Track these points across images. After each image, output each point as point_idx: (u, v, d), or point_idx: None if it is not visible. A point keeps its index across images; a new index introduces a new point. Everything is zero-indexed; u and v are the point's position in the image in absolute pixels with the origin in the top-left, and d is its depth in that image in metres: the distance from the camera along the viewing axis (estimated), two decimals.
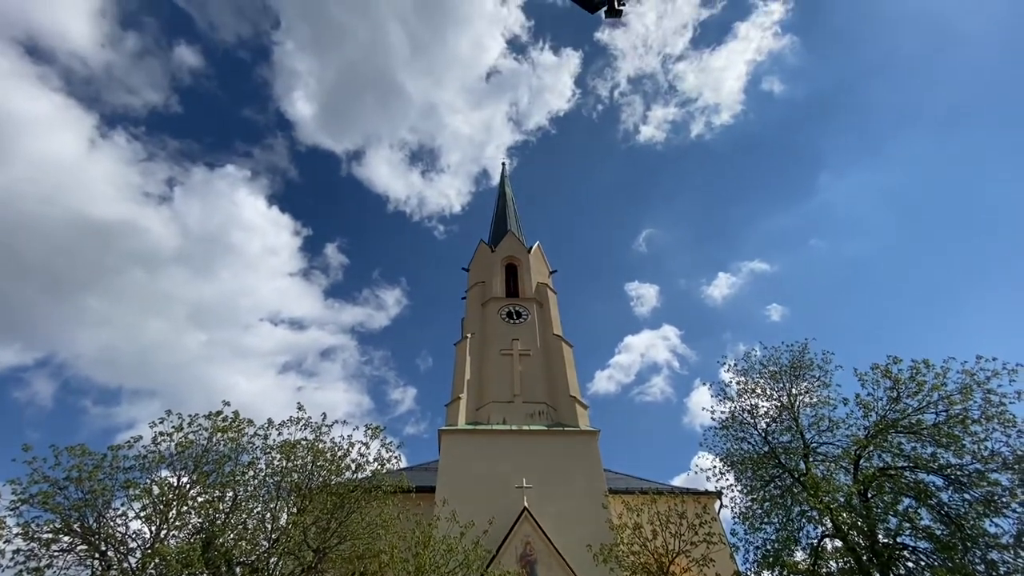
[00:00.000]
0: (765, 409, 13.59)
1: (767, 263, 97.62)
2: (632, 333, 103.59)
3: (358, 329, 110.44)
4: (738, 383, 14.21)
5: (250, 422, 11.92)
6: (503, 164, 44.50)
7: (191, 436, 11.17)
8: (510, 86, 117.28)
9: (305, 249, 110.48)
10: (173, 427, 11.20)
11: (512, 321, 26.22)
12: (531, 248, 31.73)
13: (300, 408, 12.49)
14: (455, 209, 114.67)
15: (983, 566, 9.50)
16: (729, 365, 14.73)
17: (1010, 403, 10.56)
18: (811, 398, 13.38)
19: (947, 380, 11.21)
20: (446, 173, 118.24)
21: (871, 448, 11.61)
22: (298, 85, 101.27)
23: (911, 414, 11.38)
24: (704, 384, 16.23)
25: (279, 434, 12.01)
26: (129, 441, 10.90)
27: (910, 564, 10.42)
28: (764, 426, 13.41)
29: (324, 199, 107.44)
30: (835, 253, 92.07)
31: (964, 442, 10.43)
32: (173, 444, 10.95)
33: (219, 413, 11.67)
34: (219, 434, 11.37)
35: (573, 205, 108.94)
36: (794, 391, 13.49)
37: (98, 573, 9.50)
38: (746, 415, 13.70)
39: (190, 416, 11.53)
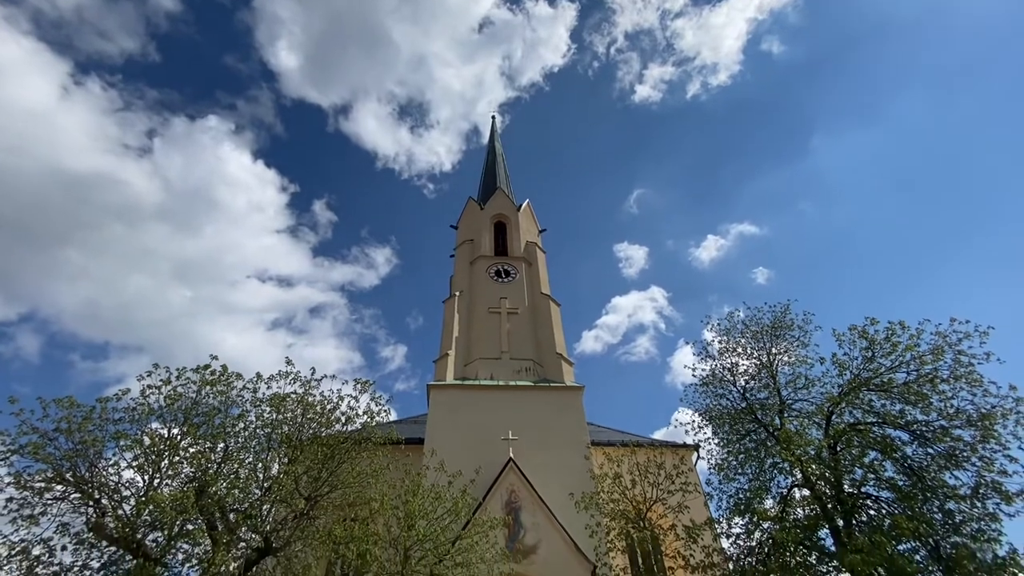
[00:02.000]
0: (745, 367, 13.99)
1: (756, 226, 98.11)
2: (620, 294, 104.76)
3: (348, 287, 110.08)
4: (720, 342, 14.55)
5: (239, 376, 12.00)
6: (493, 118, 43.42)
7: (179, 389, 11.24)
8: (503, 38, 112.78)
9: (292, 206, 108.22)
10: (161, 380, 11.24)
11: (500, 280, 26.26)
12: (520, 206, 31.39)
13: (288, 363, 12.58)
14: (445, 167, 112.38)
15: (940, 515, 10.13)
16: (712, 325, 15.04)
17: (979, 364, 10.99)
18: (790, 357, 13.79)
19: (920, 341, 11.60)
20: (436, 129, 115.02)
21: (843, 405, 12.10)
22: (282, 33, 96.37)
23: (883, 373, 11.82)
24: (688, 344, 16.61)
25: (268, 388, 12.14)
26: (117, 394, 10.96)
27: (872, 512, 11.07)
28: (743, 384, 13.85)
29: (311, 155, 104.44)
30: (824, 217, 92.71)
31: (932, 400, 10.90)
32: (162, 397, 11.02)
33: (207, 367, 11.71)
34: (208, 387, 11.45)
35: (564, 164, 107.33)
36: (774, 351, 13.86)
37: (93, 520, 9.74)
38: (726, 373, 14.10)
39: (178, 370, 11.58)
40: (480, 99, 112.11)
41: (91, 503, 9.84)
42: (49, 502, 9.67)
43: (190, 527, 10.00)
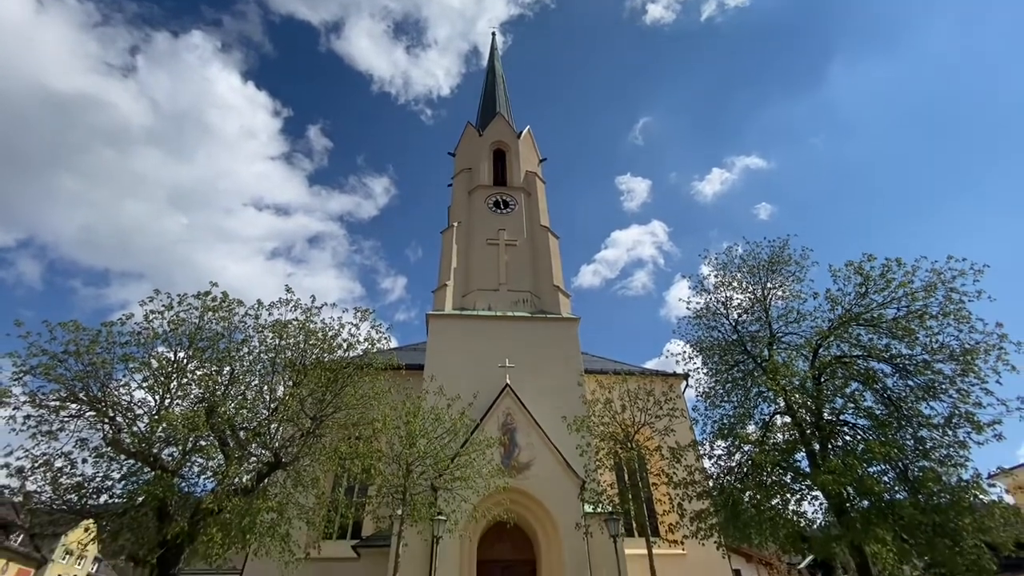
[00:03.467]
0: (739, 301, 14.20)
1: (763, 159, 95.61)
2: (620, 228, 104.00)
3: (347, 218, 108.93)
4: (716, 276, 14.66)
5: (240, 302, 12.16)
6: (493, 34, 40.85)
7: (182, 315, 11.43)
8: None
9: (286, 132, 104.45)
10: (163, 306, 11.40)
11: (499, 211, 25.91)
12: (521, 133, 30.30)
13: (288, 290, 12.70)
14: (443, 91, 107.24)
15: (912, 441, 10.73)
16: (710, 259, 15.08)
17: (969, 301, 11.17)
18: (784, 292, 13.97)
19: (915, 278, 11.72)
20: (433, 49, 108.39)
21: (831, 339, 12.43)
22: None
23: (874, 308, 12.04)
24: (685, 278, 16.71)
25: (270, 315, 12.34)
26: (121, 318, 11.15)
27: (847, 437, 11.71)
28: (736, 317, 14.12)
29: (303, 77, 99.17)
30: (834, 152, 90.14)
31: (918, 335, 11.19)
32: (165, 322, 11.23)
33: (208, 293, 11.84)
34: (210, 313, 11.64)
35: (568, 89, 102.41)
36: (769, 285, 14.01)
37: (110, 436, 10.26)
38: (720, 307, 14.33)
39: (179, 296, 11.71)
40: (481, 16, 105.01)
41: (106, 420, 10.32)
42: (65, 419, 10.14)
43: (203, 443, 10.57)
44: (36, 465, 9.66)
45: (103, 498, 10.36)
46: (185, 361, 11.13)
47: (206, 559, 10.77)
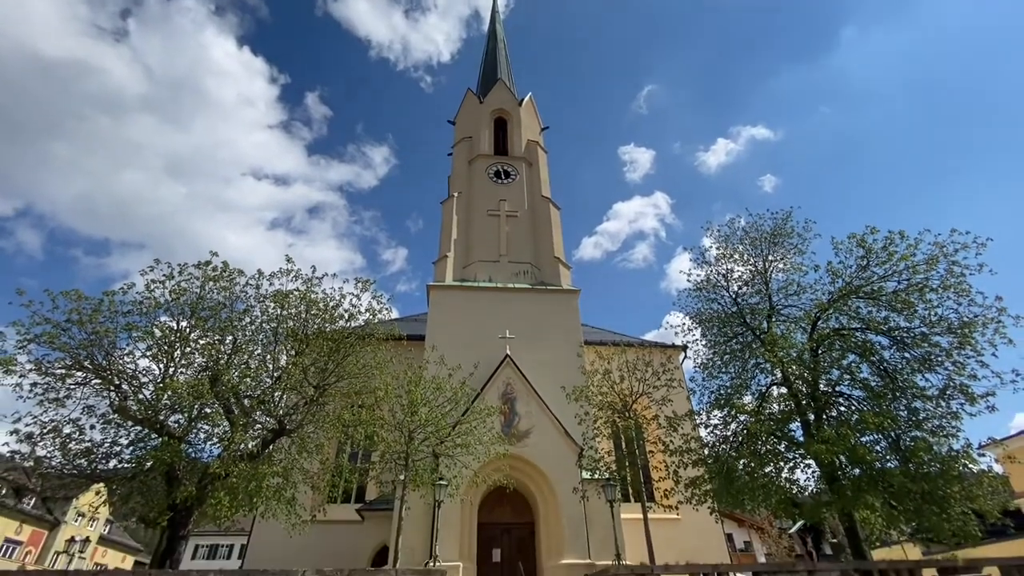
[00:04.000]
0: (739, 274, 14.20)
1: (770, 129, 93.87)
2: (623, 199, 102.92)
3: (346, 188, 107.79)
4: (718, 248, 14.62)
5: (240, 272, 12.16)
6: None
7: (183, 284, 11.45)
8: None
9: (284, 99, 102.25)
10: (164, 276, 11.42)
11: (500, 181, 25.61)
12: (522, 101, 29.67)
13: (289, 260, 12.68)
14: (443, 57, 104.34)
15: (905, 412, 10.91)
16: (712, 231, 15.01)
17: (970, 274, 11.17)
18: (785, 265, 13.96)
19: (917, 251, 11.69)
20: (433, 13, 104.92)
21: (831, 311, 12.49)
22: None
23: (875, 281, 12.05)
24: (686, 250, 16.70)
25: (270, 284, 12.36)
26: (123, 287, 11.18)
27: (842, 408, 11.90)
28: (736, 289, 14.14)
29: (300, 42, 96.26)
30: (843, 122, 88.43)
31: (917, 308, 11.24)
32: (167, 292, 11.27)
33: (208, 263, 11.83)
34: (211, 283, 11.66)
35: (571, 56, 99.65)
36: (770, 258, 13.99)
37: (116, 404, 10.43)
38: (720, 279, 14.34)
39: (180, 265, 11.71)
40: None
41: (112, 388, 10.48)
42: (72, 387, 10.28)
43: (208, 411, 10.76)
44: (45, 431, 9.84)
45: (112, 463, 10.61)
46: (188, 330, 11.22)
47: (215, 521, 11.12)
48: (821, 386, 11.94)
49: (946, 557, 11.58)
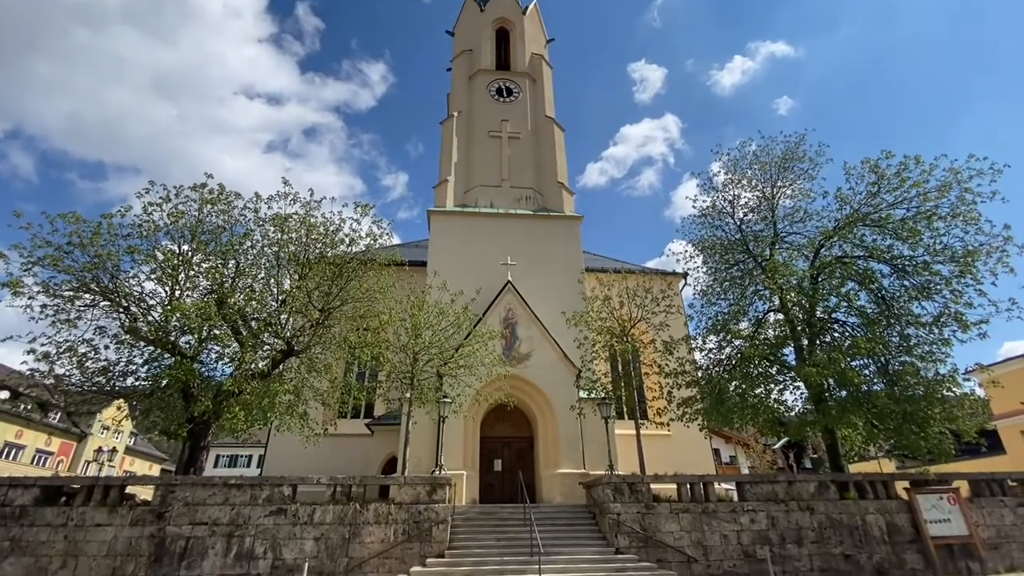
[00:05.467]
0: (746, 200, 13.98)
1: (791, 45, 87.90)
2: (631, 122, 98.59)
3: (343, 108, 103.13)
4: (725, 173, 14.30)
5: (238, 195, 11.97)
6: None
7: (181, 207, 11.31)
8: None
9: (273, 10, 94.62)
10: (161, 198, 11.25)
11: (502, 99, 24.40)
12: (526, 8, 27.52)
13: (286, 182, 12.43)
14: None
15: (898, 339, 11.18)
16: (722, 155, 14.60)
17: (982, 202, 10.98)
18: (793, 191, 13.71)
19: (931, 177, 11.41)
20: None
21: (835, 239, 12.42)
22: None
23: (884, 208, 11.88)
24: (694, 176, 16.21)
25: (268, 208, 12.20)
26: (120, 209, 11.06)
27: (836, 334, 12.19)
28: (741, 216, 13.98)
29: None
30: (871, 37, 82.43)
31: (923, 236, 11.17)
32: (165, 215, 11.16)
33: (204, 185, 11.61)
34: (209, 206, 11.51)
35: None
36: (779, 183, 13.71)
37: (127, 325, 10.68)
38: (726, 205, 14.13)
39: (176, 188, 11.50)
40: None
41: (121, 310, 10.69)
42: (81, 308, 10.49)
43: (217, 332, 11.04)
44: (61, 351, 10.17)
45: (129, 380, 11.07)
46: (190, 254, 11.24)
47: (232, 434, 11.81)
48: (818, 313, 12.14)
49: (919, 471, 12.38)
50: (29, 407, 28.05)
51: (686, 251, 14.56)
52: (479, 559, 9.66)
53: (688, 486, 11.07)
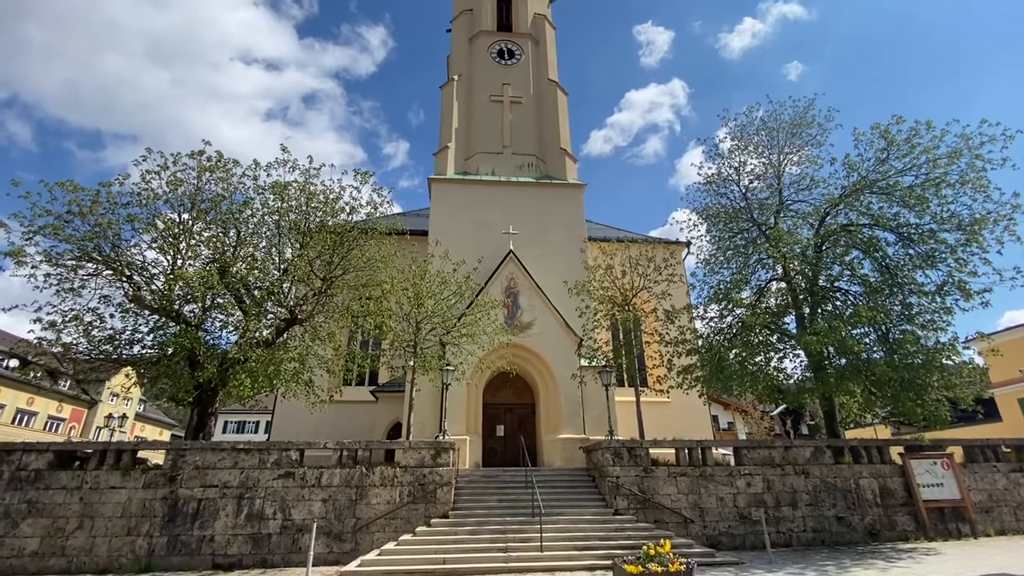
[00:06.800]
0: (752, 167, 13.77)
1: (803, 5, 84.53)
2: (636, 87, 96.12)
3: (343, 75, 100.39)
4: (732, 140, 14.04)
5: (236, 163, 11.82)
6: None
7: (179, 175, 11.19)
8: None
9: None
10: (159, 166, 11.13)
11: (503, 61, 23.72)
12: None
13: (284, 149, 12.25)
14: None
15: (899, 307, 11.17)
16: (729, 120, 14.29)
17: (992, 169, 10.78)
18: (800, 158, 13.48)
19: (942, 143, 11.18)
20: None
21: (841, 206, 12.26)
22: None
23: (892, 176, 11.68)
24: (700, 142, 15.87)
25: (268, 175, 12.07)
26: (118, 178, 10.96)
27: (838, 303, 12.19)
28: (747, 183, 13.80)
29: None
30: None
31: (931, 204, 11.01)
32: (163, 183, 11.06)
33: (201, 152, 11.45)
34: (207, 174, 11.38)
35: None
36: (786, 150, 13.47)
37: (131, 294, 10.73)
38: (732, 172, 13.92)
39: (173, 155, 11.34)
40: None
41: (124, 279, 10.72)
42: (85, 277, 10.52)
43: (220, 301, 11.10)
44: (67, 319, 10.24)
45: (136, 348, 11.20)
46: (190, 222, 11.19)
47: (239, 400, 12.02)
48: (820, 281, 12.12)
49: (914, 437, 12.60)
50: (39, 375, 28.54)
51: (690, 219, 14.44)
52: (482, 519, 9.97)
53: (686, 451, 11.31)
